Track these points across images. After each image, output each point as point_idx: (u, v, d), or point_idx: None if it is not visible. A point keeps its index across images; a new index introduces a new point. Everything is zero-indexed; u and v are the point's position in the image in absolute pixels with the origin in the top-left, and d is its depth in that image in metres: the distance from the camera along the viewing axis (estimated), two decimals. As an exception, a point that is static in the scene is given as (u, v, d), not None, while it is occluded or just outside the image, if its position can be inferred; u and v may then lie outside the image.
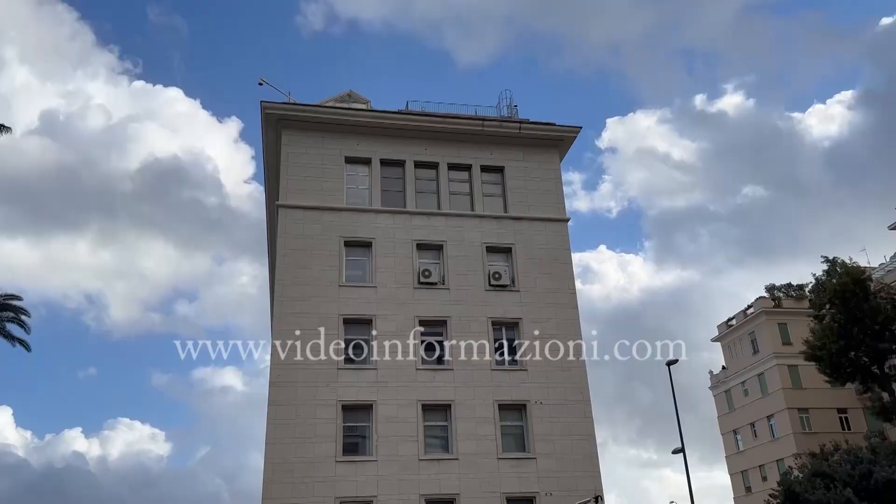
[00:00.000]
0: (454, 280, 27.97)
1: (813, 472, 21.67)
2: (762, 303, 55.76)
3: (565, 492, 24.81)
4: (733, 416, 58.84)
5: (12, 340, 30.60)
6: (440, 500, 24.48)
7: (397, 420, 25.14)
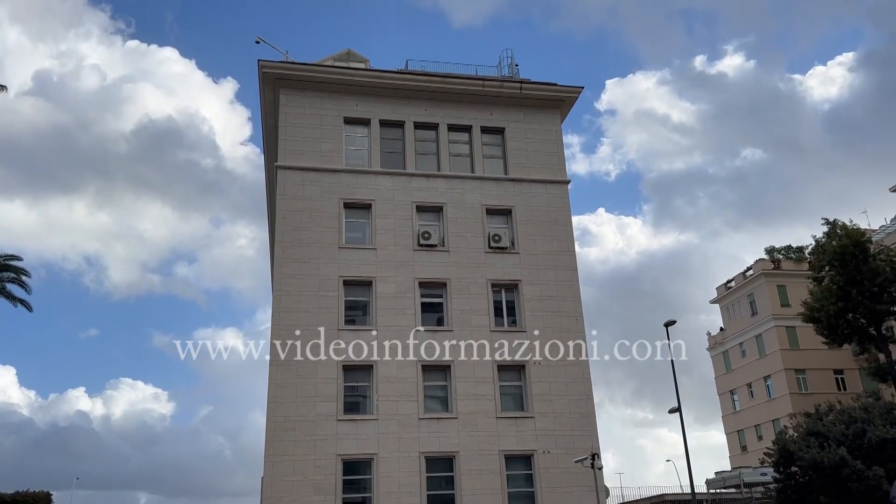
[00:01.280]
0: (454, 242, 27.97)
1: (807, 431, 21.96)
2: (761, 265, 55.88)
3: (562, 450, 25.21)
4: (730, 377, 59.45)
5: (13, 301, 30.73)
6: (439, 458, 24.88)
7: (397, 380, 25.40)
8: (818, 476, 20.68)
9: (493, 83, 30.47)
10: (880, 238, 47.96)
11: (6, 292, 30.65)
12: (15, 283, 31.04)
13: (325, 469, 23.77)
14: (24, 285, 31.27)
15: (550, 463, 25.20)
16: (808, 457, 20.60)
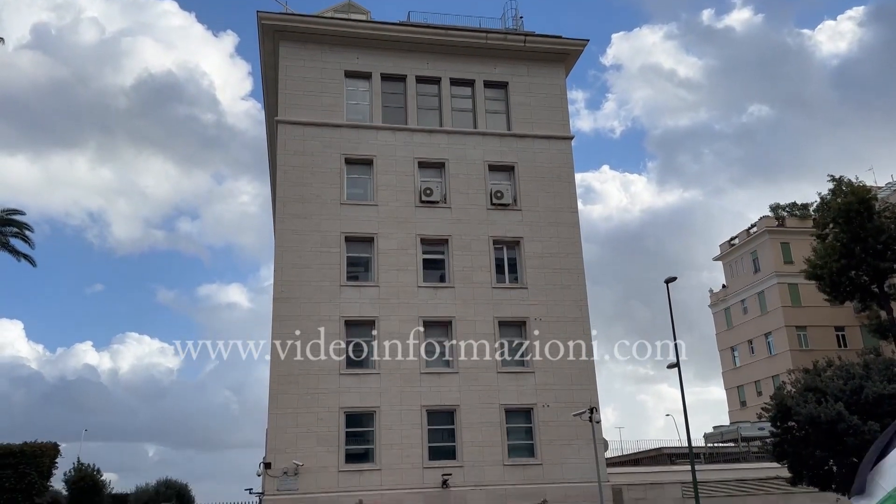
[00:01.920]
0: (456, 199, 27.85)
1: (805, 386, 22.12)
2: (765, 222, 55.68)
3: (562, 404, 25.52)
4: (731, 334, 59.77)
5: (17, 255, 30.80)
6: (440, 411, 25.23)
7: (399, 335, 25.60)
8: (814, 430, 20.91)
9: (497, 36, 29.93)
10: (886, 195, 47.63)
11: (9, 247, 30.70)
12: (18, 238, 31.08)
13: (328, 421, 24.14)
14: (27, 240, 31.31)
15: (550, 416, 25.54)
16: (804, 412, 20.80)
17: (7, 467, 20.66)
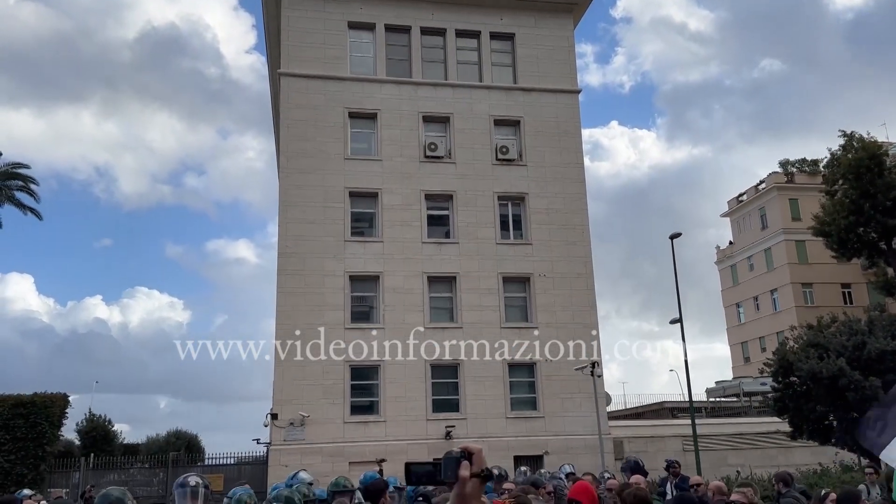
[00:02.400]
0: (460, 154, 27.63)
1: (808, 342, 22.19)
2: (774, 178, 55.15)
3: (565, 359, 25.71)
4: (737, 290, 59.78)
5: (23, 209, 30.93)
6: (445, 365, 25.49)
7: (403, 291, 25.72)
8: (815, 386, 21.05)
9: (503, -14, 29.25)
10: (897, 151, 46.93)
11: (15, 200, 30.81)
12: (23, 192, 31.17)
13: (333, 374, 24.45)
14: (32, 193, 31.42)
15: (552, 371, 25.78)
16: (806, 367, 20.90)
17: (19, 417, 21.11)
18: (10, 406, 21.08)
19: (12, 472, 20.07)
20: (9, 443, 20.81)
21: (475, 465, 1.78)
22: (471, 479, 1.76)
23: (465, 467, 1.77)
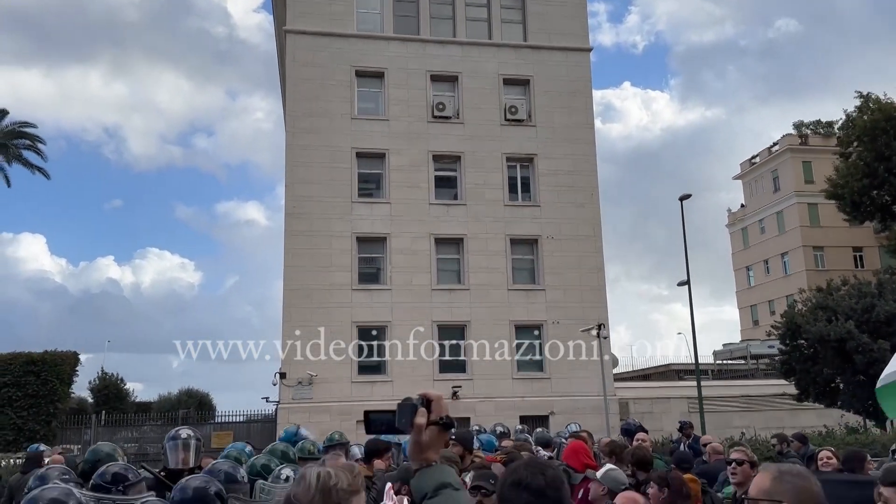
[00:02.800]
0: (469, 114, 27.29)
1: (816, 305, 22.06)
2: (788, 140, 54.35)
3: (572, 320, 25.68)
4: (747, 253, 59.45)
5: (31, 168, 30.92)
6: (451, 326, 25.57)
7: (410, 252, 25.69)
8: (823, 348, 20.99)
9: (514, -59, 28.51)
10: (915, 113, 45.99)
11: (23, 159, 30.79)
12: (31, 150, 31.12)
13: (340, 334, 24.58)
14: (39, 152, 31.36)
15: (559, 333, 25.81)
16: (814, 330, 20.81)
17: (30, 374, 21.42)
18: (22, 363, 21.40)
19: (25, 428, 20.47)
20: (21, 399, 21.19)
21: (434, 412, 1.68)
22: (428, 427, 1.66)
23: (422, 414, 1.67)
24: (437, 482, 1.61)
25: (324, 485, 2.23)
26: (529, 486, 2.13)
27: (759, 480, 2.44)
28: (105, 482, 3.38)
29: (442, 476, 1.63)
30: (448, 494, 1.60)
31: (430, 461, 1.66)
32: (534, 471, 2.20)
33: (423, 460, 1.67)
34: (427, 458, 1.67)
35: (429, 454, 1.67)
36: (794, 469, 2.44)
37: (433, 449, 1.66)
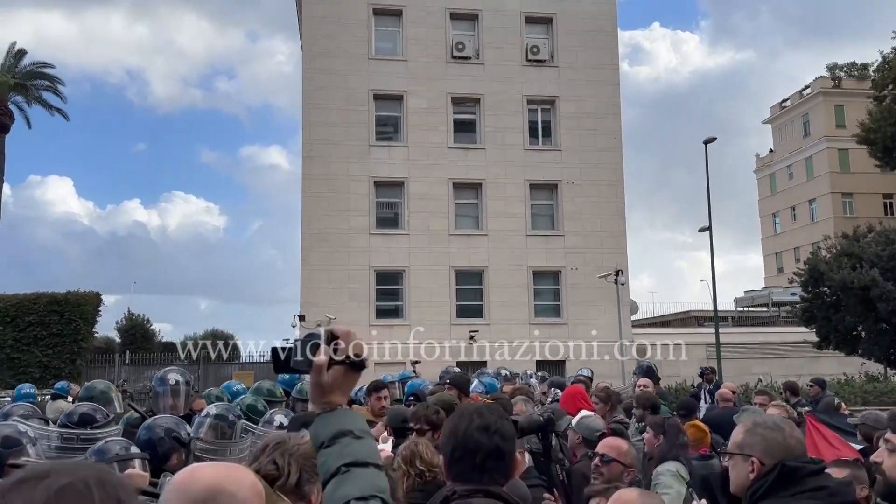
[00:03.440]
0: (489, 54, 26.62)
1: (841, 251, 21.58)
2: (820, 83, 52.54)
3: (591, 267, 25.49)
4: (774, 199, 58.34)
5: (50, 109, 30.90)
6: (469, 272, 25.53)
7: (428, 197, 25.48)
8: (846, 296, 20.61)
9: None
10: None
11: (42, 100, 30.76)
12: (50, 91, 31.05)
13: (358, 279, 24.68)
14: (59, 93, 31.28)
15: (578, 279, 25.66)
16: (838, 277, 20.39)
17: (54, 314, 21.90)
18: (45, 303, 21.86)
19: (50, 366, 21.04)
20: (46, 338, 21.72)
21: (342, 350, 1.44)
22: (332, 367, 1.43)
23: (324, 352, 1.43)
24: (334, 429, 1.41)
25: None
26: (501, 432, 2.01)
27: (734, 433, 2.36)
28: (71, 422, 3.37)
29: (342, 422, 1.42)
30: (346, 443, 1.40)
31: (334, 405, 1.45)
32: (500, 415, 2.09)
33: (326, 404, 1.45)
34: (330, 402, 1.45)
35: (332, 397, 1.45)
36: (768, 421, 2.33)
37: (339, 392, 1.45)
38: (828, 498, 2.11)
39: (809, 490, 2.12)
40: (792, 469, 2.16)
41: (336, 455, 1.39)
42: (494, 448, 1.96)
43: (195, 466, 1.57)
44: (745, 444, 2.26)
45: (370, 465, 1.40)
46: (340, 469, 1.37)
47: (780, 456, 2.19)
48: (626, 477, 3.50)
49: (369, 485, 1.37)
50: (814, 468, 2.20)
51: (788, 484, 2.15)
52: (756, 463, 2.20)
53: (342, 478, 1.37)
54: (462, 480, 1.96)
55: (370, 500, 1.36)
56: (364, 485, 1.37)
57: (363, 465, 1.39)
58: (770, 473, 2.16)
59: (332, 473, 1.38)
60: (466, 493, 1.92)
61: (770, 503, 2.13)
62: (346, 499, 1.35)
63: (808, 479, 2.15)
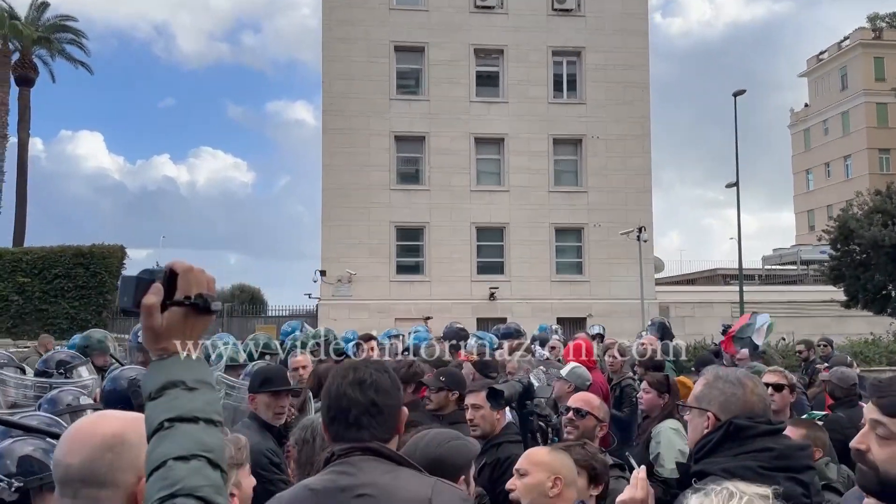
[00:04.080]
0: (513, 3, 25.91)
1: (873, 208, 21.00)
2: (860, 34, 50.51)
3: (614, 224, 25.09)
4: (808, 155, 56.85)
5: (74, 62, 30.93)
6: (490, 228, 25.35)
7: (449, 152, 25.19)
8: (876, 254, 20.12)
9: None
10: None
11: (66, 54, 30.77)
12: (74, 45, 31.03)
13: (379, 235, 24.64)
14: (82, 47, 31.25)
15: (601, 236, 25.34)
16: (868, 234, 19.89)
17: (79, 266, 22.27)
18: (71, 256, 22.25)
19: (77, 318, 21.48)
20: (72, 290, 22.15)
21: (181, 289, 1.24)
22: (169, 309, 1.24)
23: (156, 291, 1.23)
24: (163, 380, 1.22)
25: None
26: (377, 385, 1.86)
27: (695, 385, 2.24)
28: (48, 368, 3.40)
29: (172, 372, 1.22)
30: (174, 395, 1.20)
31: (170, 352, 1.25)
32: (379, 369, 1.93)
33: (161, 351, 1.25)
34: (165, 349, 1.25)
35: (167, 343, 1.25)
36: (731, 375, 2.18)
37: (177, 336, 1.24)
38: (773, 460, 1.95)
39: (755, 451, 1.97)
40: (739, 427, 2.02)
41: (161, 408, 1.20)
42: (370, 403, 1.82)
43: (103, 413, 1.50)
44: (703, 397, 2.13)
45: (200, 420, 1.20)
46: (163, 424, 1.19)
47: (736, 412, 2.05)
48: (599, 432, 3.40)
49: (194, 442, 1.17)
50: (766, 429, 2.04)
51: (734, 443, 2.01)
52: (712, 418, 2.08)
53: (164, 434, 1.18)
54: (340, 440, 1.84)
55: (192, 461, 1.16)
56: (187, 442, 1.17)
57: (191, 421, 1.19)
58: (719, 430, 2.04)
59: (154, 429, 1.19)
60: (343, 452, 1.80)
61: (712, 461, 1.99)
62: (164, 458, 1.16)
63: (756, 440, 2.00)
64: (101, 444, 1.30)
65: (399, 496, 1.72)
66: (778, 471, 1.91)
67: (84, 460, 1.29)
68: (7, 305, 21.81)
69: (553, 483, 2.39)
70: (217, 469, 1.18)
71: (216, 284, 1.33)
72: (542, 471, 2.42)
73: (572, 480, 2.47)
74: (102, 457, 1.29)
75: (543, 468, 2.42)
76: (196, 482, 1.14)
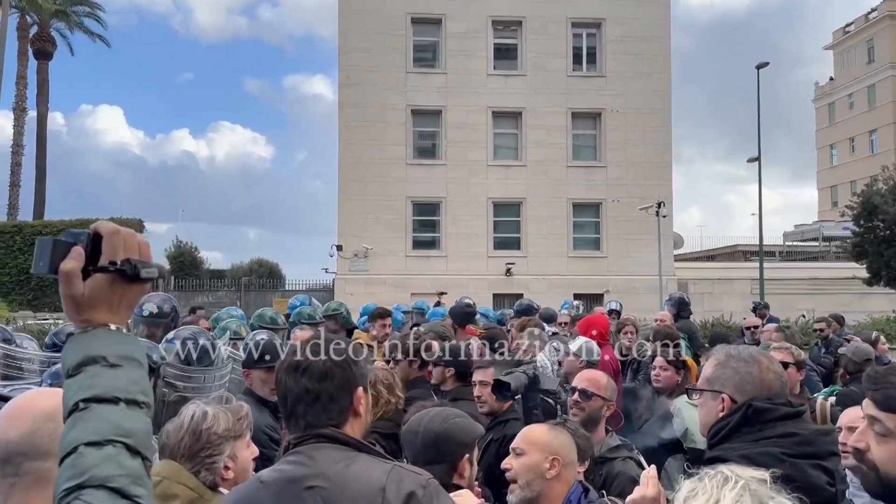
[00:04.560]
0: (531, -26, 25.44)
1: (898, 184, 20.59)
2: (888, 6, 49.17)
3: (633, 199, 24.81)
4: (833, 130, 55.79)
5: (92, 36, 30.94)
6: (507, 203, 25.17)
7: (466, 126, 24.96)
8: (901, 231, 19.75)
9: None
10: None
11: (84, 27, 30.78)
12: (91, 18, 31.02)
13: (395, 209, 24.57)
14: (99, 20, 31.24)
15: (619, 211, 25.08)
16: (892, 210, 19.51)
17: (96, 240, 22.38)
18: (90, 230, 22.36)
19: (97, 291, 21.67)
20: (92, 264, 22.27)
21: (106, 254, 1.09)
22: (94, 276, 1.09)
23: (76, 256, 1.09)
24: (82, 355, 1.08)
25: (195, 426, 2.03)
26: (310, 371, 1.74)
27: (705, 367, 2.08)
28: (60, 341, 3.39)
29: (92, 347, 1.08)
30: (92, 373, 1.07)
31: (95, 324, 1.10)
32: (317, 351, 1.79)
33: (84, 323, 1.10)
34: (89, 321, 1.10)
35: (92, 314, 1.10)
36: (743, 353, 2.04)
37: (103, 308, 1.10)
38: (796, 447, 1.82)
39: (776, 436, 1.84)
40: (759, 410, 1.88)
41: (77, 387, 1.06)
42: (303, 391, 1.72)
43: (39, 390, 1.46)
44: (716, 379, 1.98)
45: (121, 401, 1.06)
46: (78, 405, 1.05)
47: (753, 393, 1.91)
48: (606, 412, 3.27)
49: (110, 426, 1.03)
50: (788, 411, 1.90)
51: (753, 427, 1.87)
52: (727, 400, 1.93)
53: (78, 416, 1.05)
54: (290, 428, 1.77)
55: (106, 447, 1.02)
56: (102, 426, 1.03)
57: (110, 402, 1.05)
58: (736, 413, 1.89)
59: (69, 411, 1.06)
60: (297, 440, 1.72)
61: (728, 447, 1.84)
62: (75, 444, 1.02)
63: (777, 424, 1.87)
64: (42, 415, 1.26)
65: (350, 487, 1.63)
66: (802, 457, 1.80)
67: (24, 433, 1.25)
68: (28, 278, 22.12)
69: (551, 464, 2.32)
70: (137, 456, 1.05)
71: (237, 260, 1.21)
72: (539, 451, 2.34)
73: (571, 461, 2.39)
74: (43, 426, 1.25)
75: (541, 448, 2.35)
76: (108, 471, 1.01)
